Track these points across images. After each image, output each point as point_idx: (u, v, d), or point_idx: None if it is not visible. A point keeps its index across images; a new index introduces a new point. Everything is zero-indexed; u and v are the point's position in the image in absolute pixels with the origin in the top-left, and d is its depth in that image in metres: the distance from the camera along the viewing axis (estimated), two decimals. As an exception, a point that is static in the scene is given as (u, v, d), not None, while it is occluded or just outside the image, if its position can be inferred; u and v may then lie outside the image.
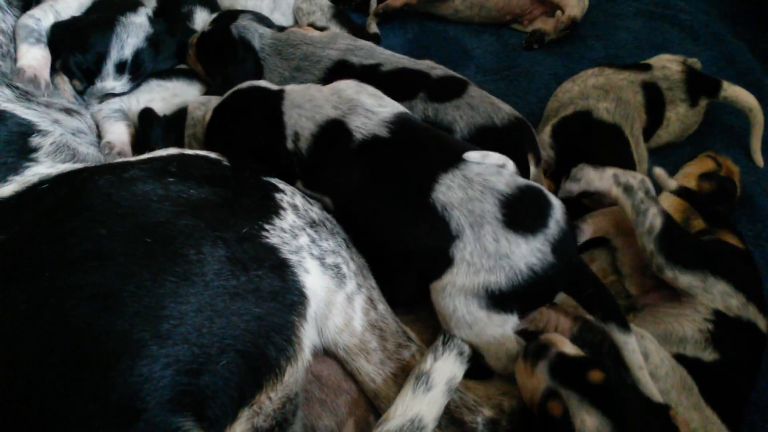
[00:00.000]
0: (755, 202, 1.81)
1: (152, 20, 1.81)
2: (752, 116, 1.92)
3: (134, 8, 1.76)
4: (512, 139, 1.49)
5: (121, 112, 1.72)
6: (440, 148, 1.29)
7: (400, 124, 1.31)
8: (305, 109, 1.35)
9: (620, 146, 1.65)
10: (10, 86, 1.45)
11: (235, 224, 1.07)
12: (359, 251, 1.32)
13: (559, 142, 1.67)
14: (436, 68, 1.62)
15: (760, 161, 1.94)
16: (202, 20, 1.94)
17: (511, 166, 1.31)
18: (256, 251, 1.06)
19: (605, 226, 1.51)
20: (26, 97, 1.47)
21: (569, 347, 1.12)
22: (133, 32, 1.72)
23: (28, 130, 1.28)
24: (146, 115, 1.66)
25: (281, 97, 1.40)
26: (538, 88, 2.22)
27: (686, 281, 1.34)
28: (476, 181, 1.21)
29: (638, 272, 1.48)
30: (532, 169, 1.48)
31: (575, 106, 1.75)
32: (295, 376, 1.06)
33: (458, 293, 1.19)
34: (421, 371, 1.14)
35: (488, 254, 1.17)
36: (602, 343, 1.23)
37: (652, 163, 1.86)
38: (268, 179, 1.24)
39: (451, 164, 1.24)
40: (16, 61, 1.57)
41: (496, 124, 1.50)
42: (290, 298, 1.06)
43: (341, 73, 1.61)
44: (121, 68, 1.71)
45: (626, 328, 1.16)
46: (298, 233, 1.15)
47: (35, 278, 0.92)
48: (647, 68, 1.92)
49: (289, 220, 1.16)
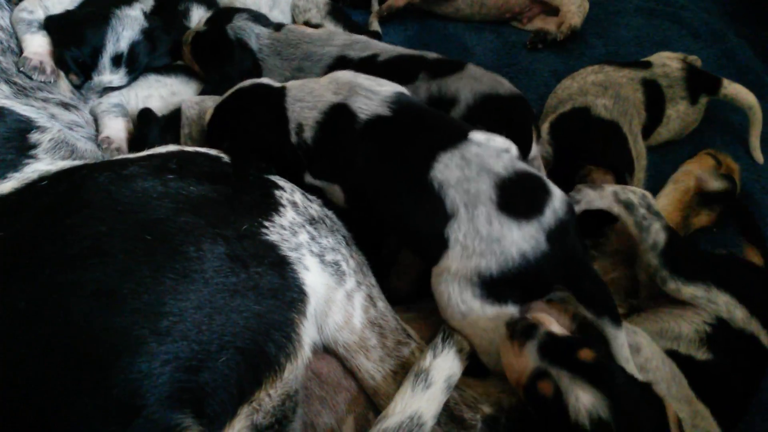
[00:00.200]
0: (755, 199, 1.82)
1: (147, 15, 1.81)
2: (751, 114, 1.92)
3: (129, 2, 1.76)
4: (517, 109, 1.51)
5: (120, 106, 1.72)
6: (441, 127, 1.30)
7: (400, 102, 1.31)
8: (306, 101, 1.36)
9: (618, 143, 1.65)
10: (8, 82, 1.45)
11: (234, 221, 1.07)
12: (369, 236, 1.34)
13: (557, 138, 1.67)
14: (431, 53, 1.64)
15: (760, 158, 1.95)
16: (198, 17, 1.93)
17: (514, 150, 1.30)
18: (255, 248, 1.05)
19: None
20: (24, 92, 1.47)
21: (557, 327, 1.10)
22: (128, 25, 1.72)
23: (27, 126, 1.28)
24: (144, 114, 1.66)
25: (284, 93, 1.40)
26: (538, 85, 2.22)
27: (690, 292, 1.34)
28: (474, 161, 1.20)
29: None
30: (534, 144, 1.48)
31: (573, 102, 1.75)
32: (294, 373, 1.05)
33: (453, 279, 1.19)
34: (420, 368, 1.14)
35: (481, 237, 1.16)
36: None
37: (652, 160, 1.87)
38: (267, 176, 1.24)
39: (450, 143, 1.23)
40: (21, 52, 1.58)
41: (500, 93, 1.51)
42: (290, 295, 1.06)
43: (341, 68, 1.59)
44: (117, 61, 1.71)
45: (618, 323, 1.15)
46: (297, 230, 1.15)
47: (35, 275, 0.92)
48: (647, 65, 1.92)
49: (288, 217, 1.16)
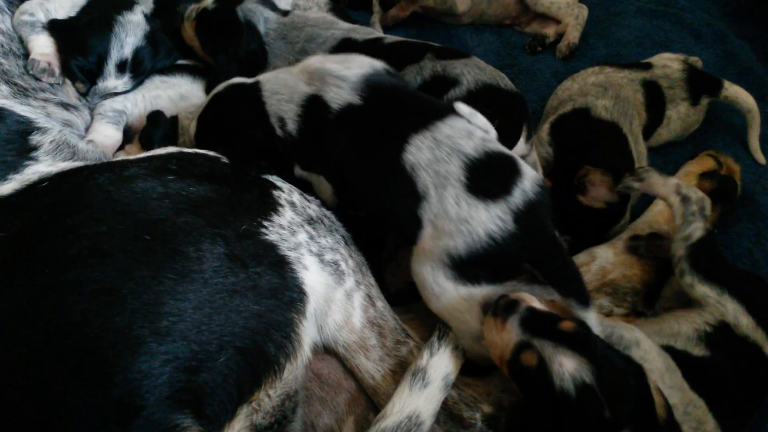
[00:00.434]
0: (756, 200, 1.82)
1: (148, 18, 1.81)
2: (750, 117, 1.93)
3: (130, 6, 1.76)
4: (515, 103, 1.54)
5: (119, 113, 1.72)
6: (412, 109, 1.30)
7: (370, 87, 1.31)
8: (282, 93, 1.36)
9: (618, 143, 1.65)
10: (8, 83, 1.45)
11: (234, 221, 1.07)
12: (369, 235, 1.35)
13: (557, 139, 1.68)
14: (436, 44, 1.68)
15: (761, 159, 1.95)
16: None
17: (493, 133, 1.32)
18: (255, 248, 1.06)
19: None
20: (24, 93, 1.47)
21: (537, 303, 1.11)
22: (131, 31, 1.72)
23: (27, 128, 1.28)
24: (152, 117, 1.67)
25: (258, 88, 1.40)
26: (539, 86, 2.22)
27: (703, 291, 1.35)
28: (445, 143, 1.21)
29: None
30: (521, 141, 1.50)
31: (574, 103, 1.75)
32: (294, 373, 1.06)
33: (426, 260, 1.20)
34: (417, 368, 1.14)
35: (449, 218, 1.17)
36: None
37: (653, 161, 1.87)
38: (266, 177, 1.24)
39: (422, 125, 1.24)
40: (24, 55, 1.58)
41: (501, 86, 1.54)
42: (289, 295, 1.06)
43: (346, 50, 1.63)
44: (122, 67, 1.71)
45: (585, 304, 1.15)
46: (296, 230, 1.15)
47: (35, 275, 0.93)
48: (648, 67, 1.92)
49: (287, 217, 1.16)
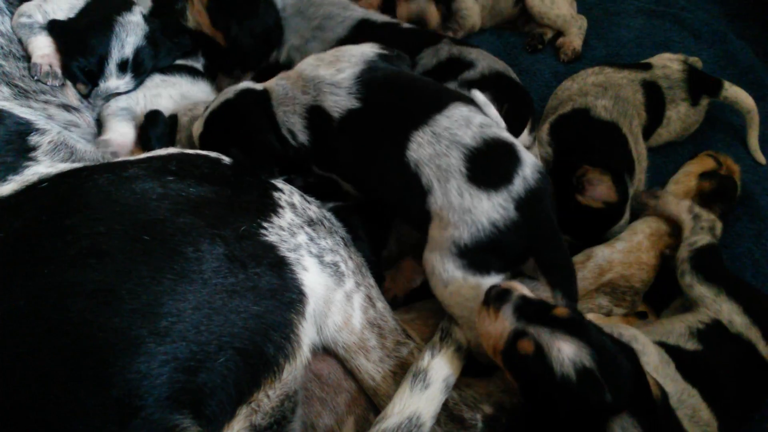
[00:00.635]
0: (756, 200, 1.81)
1: (147, 18, 1.81)
2: (749, 118, 1.93)
3: (129, 7, 1.76)
4: (523, 94, 1.63)
5: (128, 110, 1.72)
6: (411, 104, 1.30)
7: (366, 86, 1.31)
8: (287, 105, 1.37)
9: (618, 143, 1.64)
10: (9, 84, 1.45)
11: (233, 222, 1.07)
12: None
13: (556, 139, 1.67)
14: None
15: (762, 159, 1.95)
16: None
17: (502, 124, 1.33)
18: (254, 249, 1.06)
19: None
20: (25, 95, 1.47)
21: (528, 292, 1.11)
22: (131, 31, 1.72)
23: (26, 129, 1.28)
24: (150, 116, 1.67)
25: (268, 97, 1.41)
26: (539, 86, 2.22)
27: (700, 291, 1.38)
28: (443, 135, 1.22)
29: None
30: (525, 133, 1.53)
31: (573, 103, 1.75)
32: (293, 374, 1.06)
33: (435, 249, 1.22)
34: (418, 369, 1.14)
35: (453, 209, 1.18)
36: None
37: (653, 161, 1.86)
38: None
39: (421, 121, 1.24)
40: (28, 58, 1.58)
41: (512, 77, 1.61)
42: (289, 295, 1.06)
43: (364, 30, 1.68)
44: (123, 67, 1.71)
45: (573, 300, 1.17)
46: (296, 231, 1.15)
47: (35, 275, 0.93)
48: (648, 67, 1.92)
49: (287, 218, 1.16)
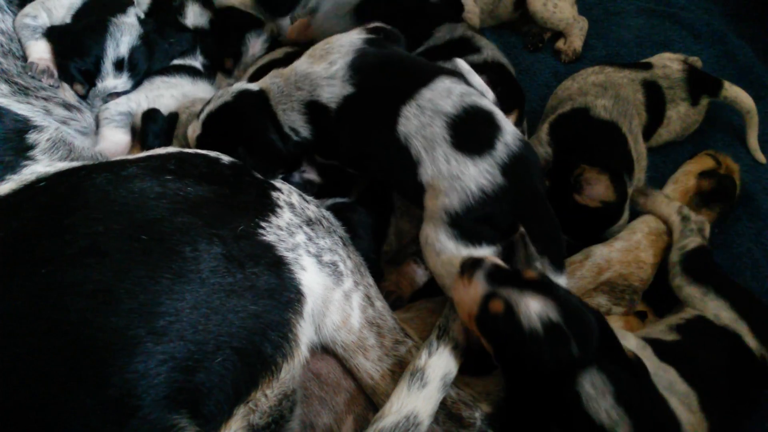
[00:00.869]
0: (755, 200, 1.81)
1: (141, 20, 1.84)
2: (749, 118, 1.93)
3: (123, 9, 1.79)
4: (517, 88, 1.74)
5: (126, 115, 1.72)
6: (399, 81, 1.33)
7: (358, 71, 1.34)
8: (285, 104, 1.39)
9: (617, 143, 1.64)
10: (8, 82, 1.45)
11: (231, 222, 1.07)
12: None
13: (556, 139, 1.67)
14: None
15: (762, 158, 1.94)
16: (193, 14, 1.97)
17: (490, 95, 1.38)
18: (252, 249, 1.06)
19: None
20: (25, 92, 1.47)
21: (501, 262, 1.15)
22: (126, 31, 1.74)
23: (24, 126, 1.28)
24: (147, 115, 1.67)
25: (267, 97, 1.42)
26: (539, 86, 2.22)
27: (688, 292, 1.40)
28: (427, 107, 1.25)
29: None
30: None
31: (573, 103, 1.75)
32: (291, 373, 1.06)
33: (429, 220, 1.25)
34: (415, 367, 1.14)
35: (443, 176, 1.21)
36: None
37: (653, 161, 1.86)
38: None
39: (408, 96, 1.27)
40: (26, 58, 1.60)
41: (511, 72, 1.76)
42: (286, 295, 1.06)
43: None
44: (119, 66, 1.73)
45: (558, 267, 1.21)
46: (294, 231, 1.15)
47: (32, 274, 0.93)
48: (648, 67, 1.91)
49: (285, 218, 1.16)
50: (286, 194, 1.23)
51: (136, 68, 1.76)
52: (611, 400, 1.04)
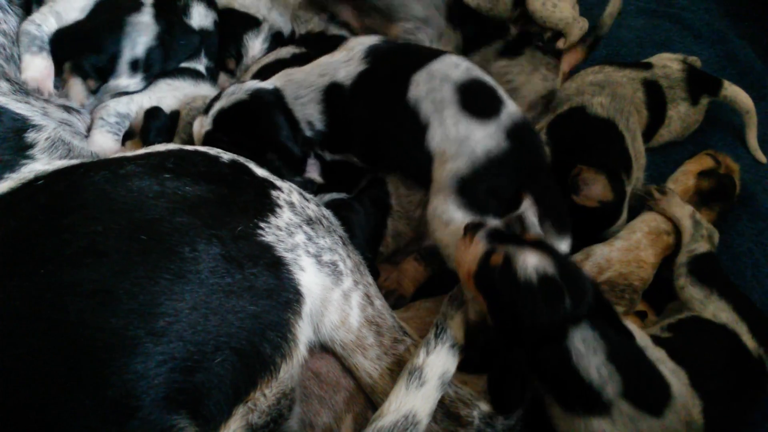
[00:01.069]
0: (756, 199, 1.81)
1: (156, 19, 1.80)
2: (747, 118, 1.93)
3: (138, 8, 1.76)
4: None
5: (122, 118, 1.71)
6: (411, 56, 1.46)
7: (373, 53, 1.46)
8: (303, 96, 1.45)
9: (615, 141, 1.64)
10: (9, 81, 1.44)
11: (230, 222, 1.06)
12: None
13: (553, 139, 1.66)
14: None
15: (762, 157, 1.94)
16: (198, 14, 1.95)
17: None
18: (251, 249, 1.05)
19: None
20: (25, 91, 1.47)
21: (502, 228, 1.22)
22: (143, 31, 1.71)
23: (22, 125, 1.28)
24: (150, 111, 1.67)
25: (282, 95, 1.45)
26: (538, 85, 2.21)
27: (691, 292, 1.40)
28: (436, 75, 1.37)
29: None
30: None
31: (570, 102, 1.75)
32: (290, 372, 1.05)
33: (439, 191, 1.30)
34: (414, 366, 1.14)
35: (451, 139, 1.30)
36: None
37: (653, 160, 1.86)
38: (264, 176, 1.24)
39: (420, 65, 1.39)
40: (20, 69, 1.56)
41: None
42: (285, 295, 1.06)
43: None
44: (134, 66, 1.71)
45: (564, 231, 1.28)
46: (294, 231, 1.14)
47: (31, 275, 0.93)
48: (648, 66, 1.91)
49: (285, 217, 1.15)
50: (286, 193, 1.22)
51: (151, 69, 1.75)
52: (602, 356, 1.07)
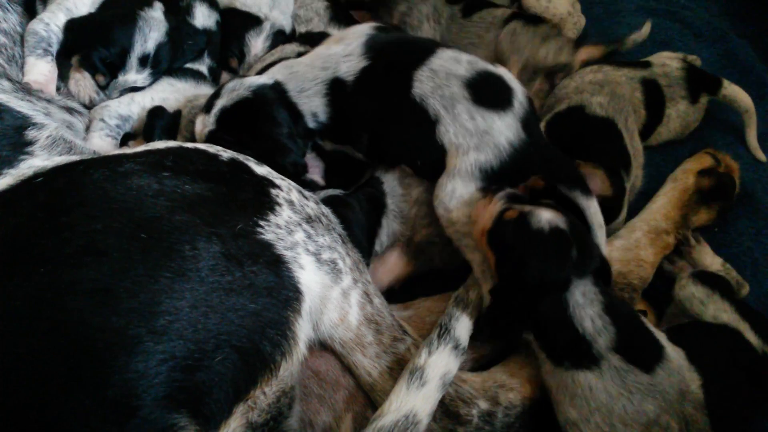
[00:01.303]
0: (755, 198, 1.81)
1: (167, 16, 1.81)
2: (747, 117, 1.93)
3: (150, 3, 1.76)
4: None
5: (122, 120, 1.70)
6: (410, 51, 1.44)
7: (372, 47, 1.44)
8: (308, 89, 1.45)
9: (613, 139, 1.64)
10: (10, 80, 1.44)
11: (229, 220, 1.06)
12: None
13: (552, 137, 1.66)
14: None
15: (762, 156, 1.94)
16: (201, 14, 1.94)
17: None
18: (250, 247, 1.05)
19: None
20: (27, 90, 1.46)
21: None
22: (154, 26, 1.72)
23: (23, 123, 1.28)
24: (154, 110, 1.67)
25: (284, 89, 1.45)
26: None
27: (692, 291, 1.39)
28: (440, 71, 1.36)
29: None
30: None
31: (569, 101, 1.75)
32: (290, 370, 1.05)
33: (455, 176, 1.31)
34: (415, 366, 1.14)
35: (470, 132, 1.29)
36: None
37: (652, 159, 1.86)
38: (264, 175, 1.24)
39: (419, 62, 1.38)
40: (22, 69, 1.58)
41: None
42: (285, 293, 1.06)
43: None
44: (143, 62, 1.72)
45: (589, 194, 1.30)
46: (293, 229, 1.14)
47: (31, 273, 0.92)
48: (647, 65, 1.91)
49: (284, 216, 1.15)
50: (285, 191, 1.22)
51: (159, 65, 1.75)
52: (599, 308, 1.12)
